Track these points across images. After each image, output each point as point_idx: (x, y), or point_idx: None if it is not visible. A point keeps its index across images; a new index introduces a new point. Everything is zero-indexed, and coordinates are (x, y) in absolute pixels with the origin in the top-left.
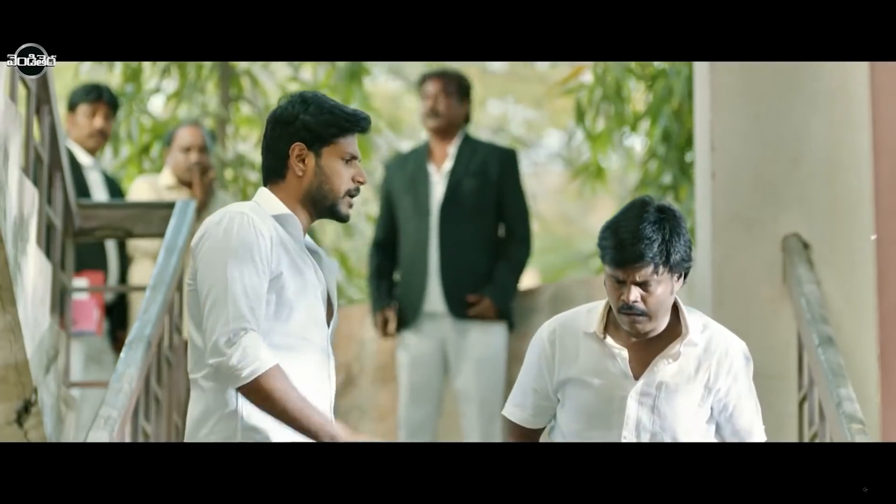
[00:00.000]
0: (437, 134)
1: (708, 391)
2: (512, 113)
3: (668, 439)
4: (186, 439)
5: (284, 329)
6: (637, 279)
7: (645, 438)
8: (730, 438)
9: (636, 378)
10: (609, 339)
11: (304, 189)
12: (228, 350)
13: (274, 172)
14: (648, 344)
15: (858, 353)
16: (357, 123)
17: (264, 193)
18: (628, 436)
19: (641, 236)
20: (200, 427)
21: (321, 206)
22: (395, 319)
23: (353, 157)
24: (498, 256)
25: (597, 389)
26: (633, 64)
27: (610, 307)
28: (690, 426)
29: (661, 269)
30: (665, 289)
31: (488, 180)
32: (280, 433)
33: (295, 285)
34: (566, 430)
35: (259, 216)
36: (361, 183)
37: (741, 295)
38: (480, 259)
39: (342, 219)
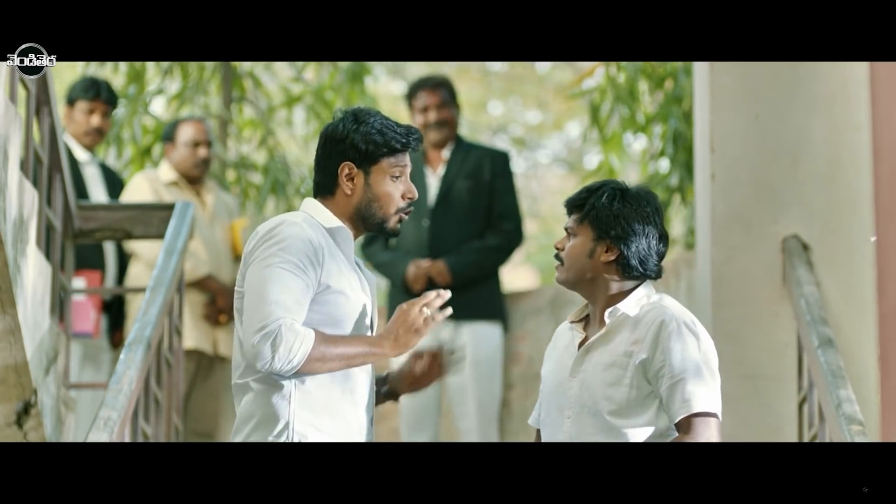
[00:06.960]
0: (439, 142)
1: (634, 361)
2: (512, 114)
3: (592, 410)
4: (234, 440)
5: None
6: (566, 225)
7: (577, 411)
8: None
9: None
10: (576, 324)
11: (353, 206)
12: (270, 351)
13: (324, 188)
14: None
15: (858, 355)
16: (408, 142)
17: (315, 205)
18: (570, 413)
19: (581, 189)
20: (254, 430)
21: (370, 222)
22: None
23: (403, 173)
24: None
25: (555, 374)
26: (643, 64)
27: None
28: (612, 395)
29: (579, 220)
30: (578, 243)
31: (481, 181)
32: (332, 435)
33: (342, 296)
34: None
35: (311, 226)
36: (412, 199)
37: (741, 296)
38: None
39: (392, 234)
